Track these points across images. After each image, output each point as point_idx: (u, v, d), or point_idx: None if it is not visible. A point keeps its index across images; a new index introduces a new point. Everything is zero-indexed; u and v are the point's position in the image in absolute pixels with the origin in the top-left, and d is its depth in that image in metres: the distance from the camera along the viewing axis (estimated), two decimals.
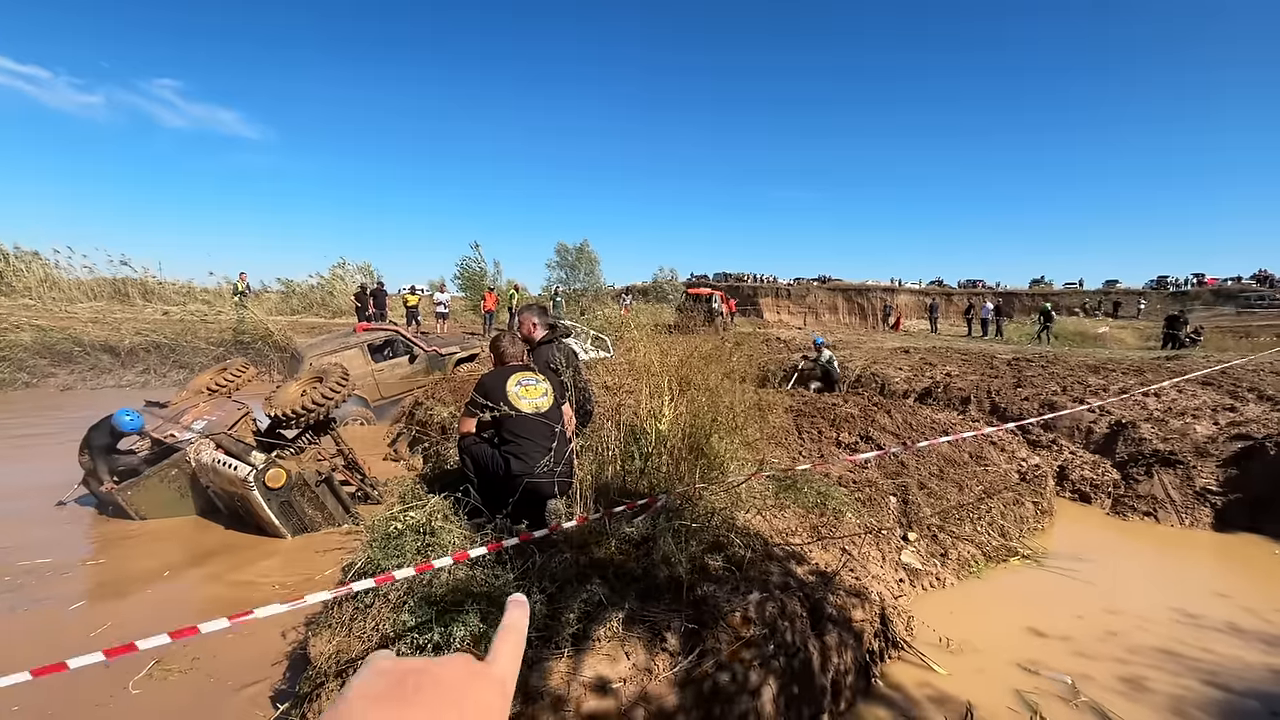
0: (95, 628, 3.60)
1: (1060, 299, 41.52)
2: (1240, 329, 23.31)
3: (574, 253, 30.32)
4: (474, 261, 24.77)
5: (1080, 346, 16.27)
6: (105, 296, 19.41)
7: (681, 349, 3.94)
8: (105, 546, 4.82)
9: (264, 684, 3.04)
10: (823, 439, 6.02)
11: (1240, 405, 6.89)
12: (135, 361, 13.90)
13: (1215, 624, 3.84)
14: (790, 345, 15.02)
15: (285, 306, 22.42)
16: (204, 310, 18.78)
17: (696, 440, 3.61)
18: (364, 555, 3.08)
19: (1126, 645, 3.57)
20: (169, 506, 5.22)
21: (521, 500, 3.34)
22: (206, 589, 4.19)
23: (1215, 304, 39.96)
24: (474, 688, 0.39)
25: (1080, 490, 6.25)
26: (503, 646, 0.44)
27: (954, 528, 4.71)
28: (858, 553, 3.89)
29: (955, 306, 39.41)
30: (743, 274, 56.85)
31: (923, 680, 3.17)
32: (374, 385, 9.19)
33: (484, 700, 0.39)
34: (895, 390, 9.84)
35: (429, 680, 0.38)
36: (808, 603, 2.92)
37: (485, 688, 0.40)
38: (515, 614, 0.47)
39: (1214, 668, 3.36)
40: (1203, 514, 5.65)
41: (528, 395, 3.55)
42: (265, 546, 4.77)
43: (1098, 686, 3.17)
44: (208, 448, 5.01)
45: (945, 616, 3.72)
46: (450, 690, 0.38)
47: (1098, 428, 7.07)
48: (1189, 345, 15.61)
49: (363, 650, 2.44)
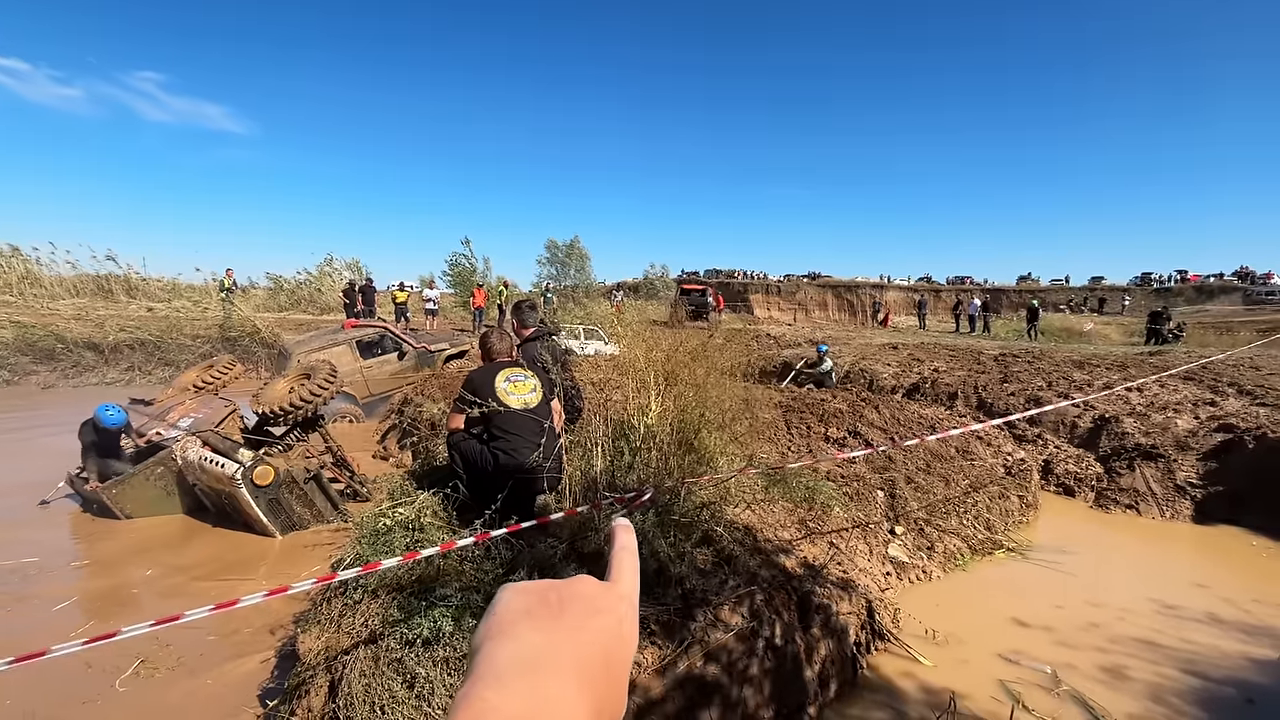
0: (79, 627, 3.58)
1: (1047, 295, 41.92)
2: (1222, 324, 23.66)
3: (564, 249, 30.23)
4: (464, 258, 24.63)
5: (1066, 342, 16.46)
6: (88, 293, 19.11)
7: (668, 343, 3.95)
8: (91, 546, 4.78)
9: (252, 681, 3.03)
10: (811, 434, 6.06)
11: (1220, 400, 7.01)
12: (119, 359, 13.72)
13: (1194, 614, 3.92)
14: (780, 341, 15.08)
15: (273, 303, 22.20)
16: (190, 307, 18.58)
17: (685, 435, 3.63)
18: (352, 551, 3.08)
19: (1107, 635, 3.64)
20: (155, 505, 5.17)
21: (511, 495, 3.34)
22: (194, 587, 4.16)
23: (1198, 300, 40.51)
24: (609, 600, 0.39)
25: (1064, 484, 6.34)
26: (623, 565, 0.43)
27: (940, 521, 4.77)
28: (845, 546, 3.93)
29: (943, 303, 39.74)
30: (734, 271, 57.02)
31: (908, 671, 3.21)
32: (363, 382, 9.14)
33: (620, 612, 0.39)
34: (883, 386, 9.91)
35: (570, 594, 0.38)
36: (795, 595, 2.95)
37: (618, 602, 0.39)
38: (625, 536, 0.45)
39: (1192, 657, 3.43)
40: (1183, 507, 5.75)
41: (516, 391, 3.55)
42: (254, 544, 4.74)
43: (1079, 676, 3.22)
44: (194, 445, 4.97)
45: (931, 609, 3.77)
46: (591, 602, 0.38)
47: (1082, 422, 7.17)
48: (1172, 341, 15.84)
49: (351, 645, 2.44)
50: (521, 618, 0.35)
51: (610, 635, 0.37)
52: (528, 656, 0.33)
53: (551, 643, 0.34)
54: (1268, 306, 34.01)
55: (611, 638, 0.37)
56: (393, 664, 2.30)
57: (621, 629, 0.38)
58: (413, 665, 2.27)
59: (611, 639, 0.37)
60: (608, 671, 0.35)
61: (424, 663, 2.28)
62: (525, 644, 0.34)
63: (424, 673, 2.24)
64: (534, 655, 0.33)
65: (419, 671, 2.25)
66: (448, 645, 2.33)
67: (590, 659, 0.34)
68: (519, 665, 0.32)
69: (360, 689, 2.24)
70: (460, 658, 2.30)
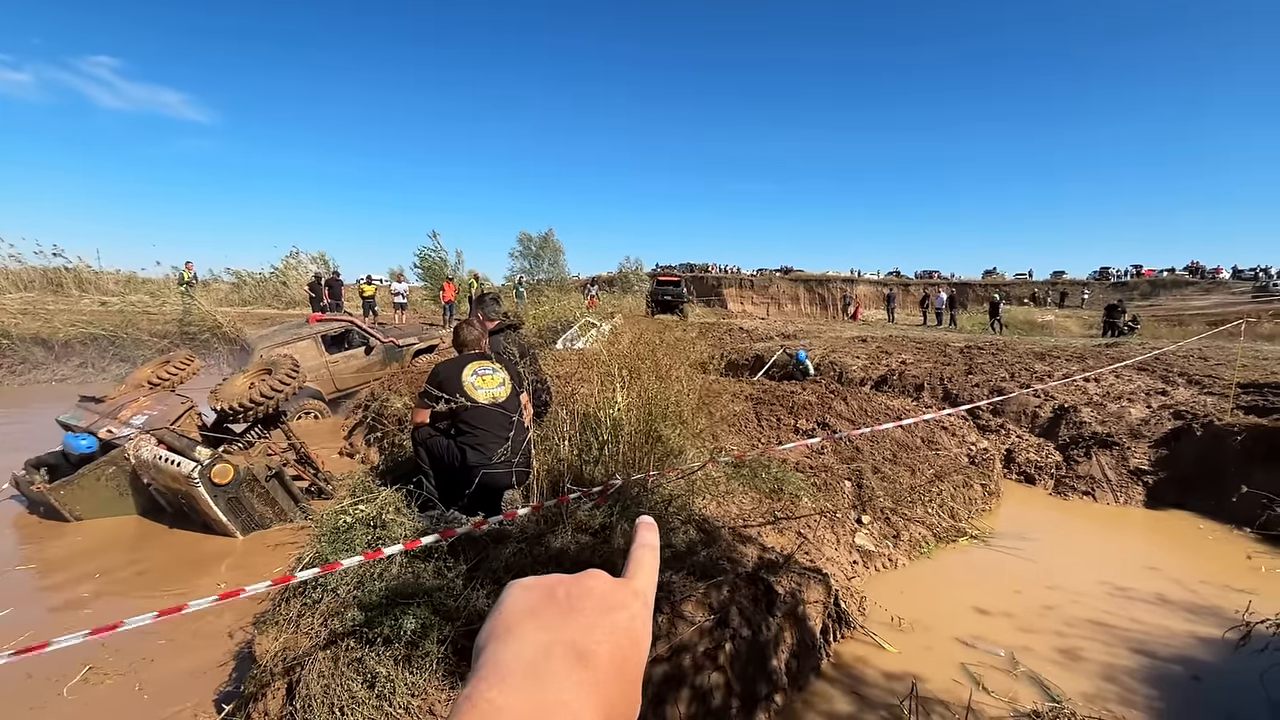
0: (17, 635, 3.41)
1: (1011, 289, 43.11)
2: (1174, 317, 24.58)
3: (538, 242, 29.99)
4: (433, 251, 24.25)
5: (1028, 335, 16.94)
6: (37, 286, 18.32)
7: (629, 336, 3.94)
8: (36, 550, 4.57)
9: (207, 686, 2.94)
10: (781, 426, 6.11)
11: (1171, 389, 7.28)
12: (70, 355, 13.18)
13: (1145, 596, 4.06)
14: (753, 335, 15.18)
15: (235, 297, 21.58)
16: (147, 301, 17.92)
17: (652, 427, 3.63)
18: (312, 550, 3.00)
19: (1063, 618, 3.75)
20: (107, 506, 4.98)
21: (478, 491, 3.30)
22: (145, 590, 4.01)
23: (1151, 294, 42.01)
24: (623, 597, 0.37)
25: (1025, 472, 6.51)
26: (642, 562, 0.41)
27: (906, 510, 4.86)
28: (813, 536, 3.97)
29: (912, 296, 40.53)
30: (707, 265, 57.31)
31: (873, 658, 3.27)
32: (328, 377, 8.93)
33: (634, 610, 0.37)
34: (852, 378, 10.05)
35: (580, 590, 0.36)
36: (762, 586, 2.97)
37: (632, 598, 0.38)
38: (648, 534, 0.44)
39: (1142, 636, 3.56)
40: (1136, 492, 5.96)
41: (484, 385, 3.50)
42: (213, 545, 4.60)
43: (1036, 658, 3.32)
44: (148, 443, 4.79)
45: (896, 596, 3.84)
46: (604, 598, 0.36)
47: (1042, 412, 7.37)
48: (1127, 333, 16.41)
49: (310, 646, 2.38)
50: (527, 616, 0.34)
51: (622, 634, 0.35)
52: (533, 656, 0.31)
53: (559, 642, 0.32)
54: None
55: (624, 637, 0.35)
56: (353, 664, 2.25)
57: (634, 628, 0.36)
58: (374, 665, 2.23)
59: (624, 638, 0.35)
60: (619, 673, 0.33)
61: (385, 662, 2.23)
62: (531, 643, 0.32)
63: (385, 672, 2.20)
64: (541, 655, 0.31)
65: (380, 671, 2.20)
66: (410, 644, 2.28)
67: (600, 659, 0.33)
68: (525, 665, 0.31)
69: (319, 690, 2.19)
70: (423, 656, 2.26)
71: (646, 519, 0.46)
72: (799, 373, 10.11)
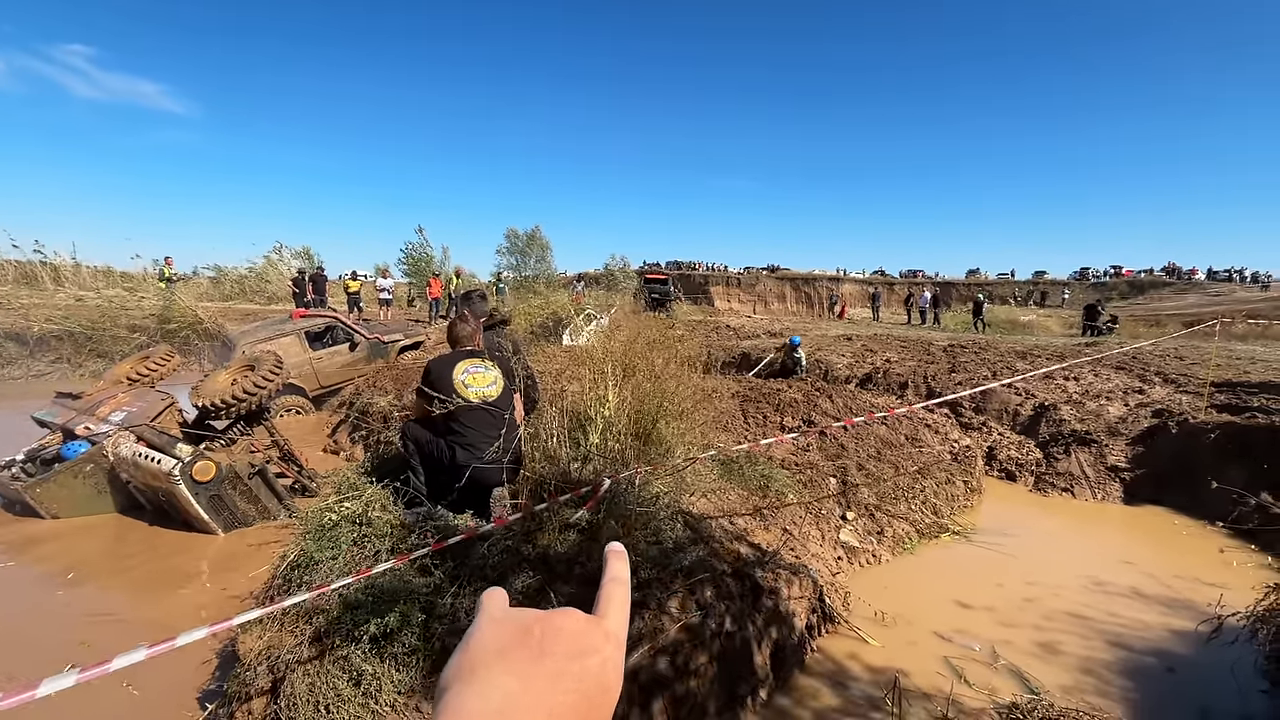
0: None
1: (994, 288, 43.64)
2: (1151, 316, 25.05)
3: (525, 239, 29.80)
4: (419, 247, 24.03)
5: (1010, 334, 17.18)
6: (10, 280, 17.90)
7: (625, 334, 3.95)
8: (11, 549, 4.48)
9: (190, 685, 2.91)
10: (768, 424, 6.15)
11: (1148, 388, 7.43)
12: (45, 350, 12.89)
13: (1121, 590, 4.16)
14: (740, 333, 15.24)
15: (216, 293, 21.25)
16: (125, 296, 17.58)
17: (642, 425, 3.63)
18: (297, 547, 2.98)
19: (1043, 612, 3.83)
20: (85, 504, 4.89)
21: (466, 489, 3.28)
22: (134, 589, 3.95)
23: (1130, 294, 42.74)
24: (595, 640, 0.36)
25: (1007, 469, 6.61)
26: (612, 599, 0.40)
27: (890, 507, 4.92)
28: (798, 532, 4.01)
29: (897, 296, 40.89)
30: (694, 263, 57.34)
31: (857, 652, 3.31)
32: (312, 374, 8.83)
33: (606, 653, 0.35)
34: (838, 376, 10.13)
35: (553, 630, 0.35)
36: (747, 582, 3.00)
37: (604, 641, 0.36)
38: (618, 565, 0.42)
39: (1119, 629, 3.64)
40: (1113, 489, 6.08)
41: (475, 383, 3.47)
42: (194, 543, 4.53)
43: (1016, 651, 3.38)
44: (127, 440, 4.71)
45: (880, 591, 3.89)
46: (575, 640, 0.35)
47: (1023, 410, 7.48)
48: (1106, 332, 16.68)
49: (295, 644, 2.37)
50: (495, 658, 0.33)
51: (592, 681, 0.34)
52: (498, 706, 0.30)
53: (526, 690, 0.31)
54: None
55: (594, 684, 0.34)
56: (338, 661, 2.24)
57: (605, 673, 0.35)
58: (359, 662, 2.22)
59: (594, 686, 0.34)
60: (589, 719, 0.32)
61: (371, 659, 2.22)
62: (496, 689, 0.31)
63: (371, 669, 2.19)
64: (505, 704, 0.30)
65: (366, 668, 2.19)
66: (395, 641, 2.28)
67: (567, 709, 0.31)
68: (488, 715, 0.30)
69: (304, 688, 2.17)
70: (409, 652, 2.25)
71: (616, 546, 0.44)
72: (792, 360, 10.15)
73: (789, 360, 10.29)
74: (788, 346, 10.52)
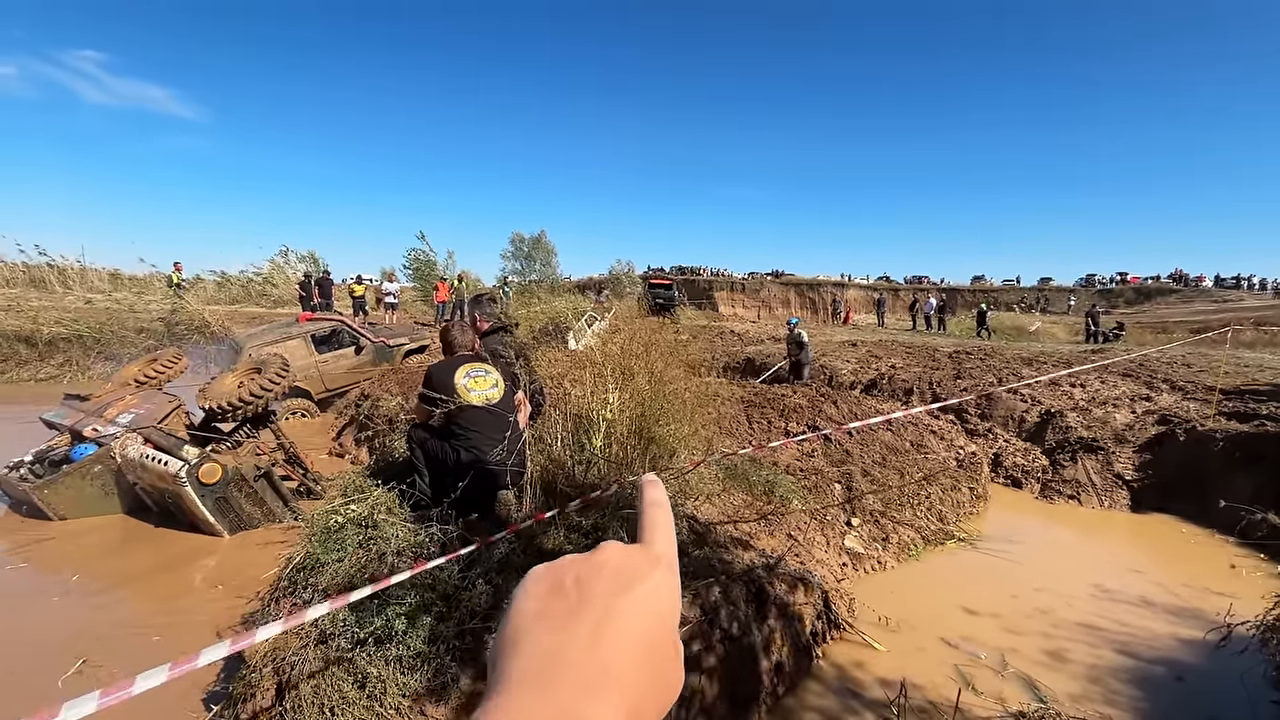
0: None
1: (999, 295, 43.54)
2: (1158, 324, 24.94)
3: (530, 243, 29.93)
4: (422, 252, 24.15)
5: (1016, 340, 17.14)
6: (20, 284, 18.06)
7: (623, 338, 3.95)
8: (15, 549, 4.50)
9: (197, 685, 2.91)
10: (772, 429, 6.14)
11: (1155, 395, 7.39)
12: (54, 353, 12.99)
13: (1129, 598, 4.12)
14: (744, 338, 15.24)
15: (223, 296, 21.38)
16: (132, 299, 17.70)
17: (645, 428, 3.63)
18: (302, 550, 2.98)
19: (1050, 620, 3.80)
20: (92, 505, 4.91)
21: (472, 491, 3.29)
22: (140, 590, 3.97)
23: (1137, 301, 42.58)
24: (640, 568, 0.33)
25: (1012, 476, 6.58)
26: (655, 522, 0.37)
27: (895, 513, 4.90)
28: (804, 538, 4.00)
29: (901, 301, 40.78)
30: (699, 268, 57.42)
31: (863, 658, 3.29)
32: (318, 377, 8.87)
33: (655, 579, 0.33)
34: (843, 382, 10.11)
35: (589, 570, 0.33)
36: (752, 588, 2.99)
37: (650, 566, 0.34)
38: (654, 491, 0.40)
39: (1127, 638, 3.61)
40: (1120, 496, 6.04)
41: (477, 387, 3.49)
42: (200, 545, 4.55)
43: (1024, 659, 3.36)
44: (135, 442, 4.74)
45: (886, 597, 3.87)
46: (618, 575, 0.33)
47: (1029, 417, 7.45)
48: (1112, 339, 16.61)
49: (300, 646, 2.37)
50: (535, 620, 0.31)
51: (645, 613, 0.32)
52: (539, 668, 0.29)
53: (569, 645, 0.29)
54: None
55: (647, 616, 0.32)
56: (343, 664, 2.24)
57: (657, 600, 0.33)
58: (364, 665, 2.22)
59: (647, 618, 0.32)
60: (648, 656, 0.30)
61: (376, 662, 2.22)
62: (539, 651, 0.29)
63: (376, 672, 2.19)
64: (547, 665, 0.29)
65: (371, 671, 2.20)
66: (401, 644, 2.28)
67: (618, 652, 0.30)
68: (534, 677, 0.28)
69: (309, 690, 2.18)
70: (414, 656, 2.25)
71: (651, 476, 0.42)
72: (794, 346, 10.07)
73: (791, 345, 10.18)
74: (788, 333, 10.42)
